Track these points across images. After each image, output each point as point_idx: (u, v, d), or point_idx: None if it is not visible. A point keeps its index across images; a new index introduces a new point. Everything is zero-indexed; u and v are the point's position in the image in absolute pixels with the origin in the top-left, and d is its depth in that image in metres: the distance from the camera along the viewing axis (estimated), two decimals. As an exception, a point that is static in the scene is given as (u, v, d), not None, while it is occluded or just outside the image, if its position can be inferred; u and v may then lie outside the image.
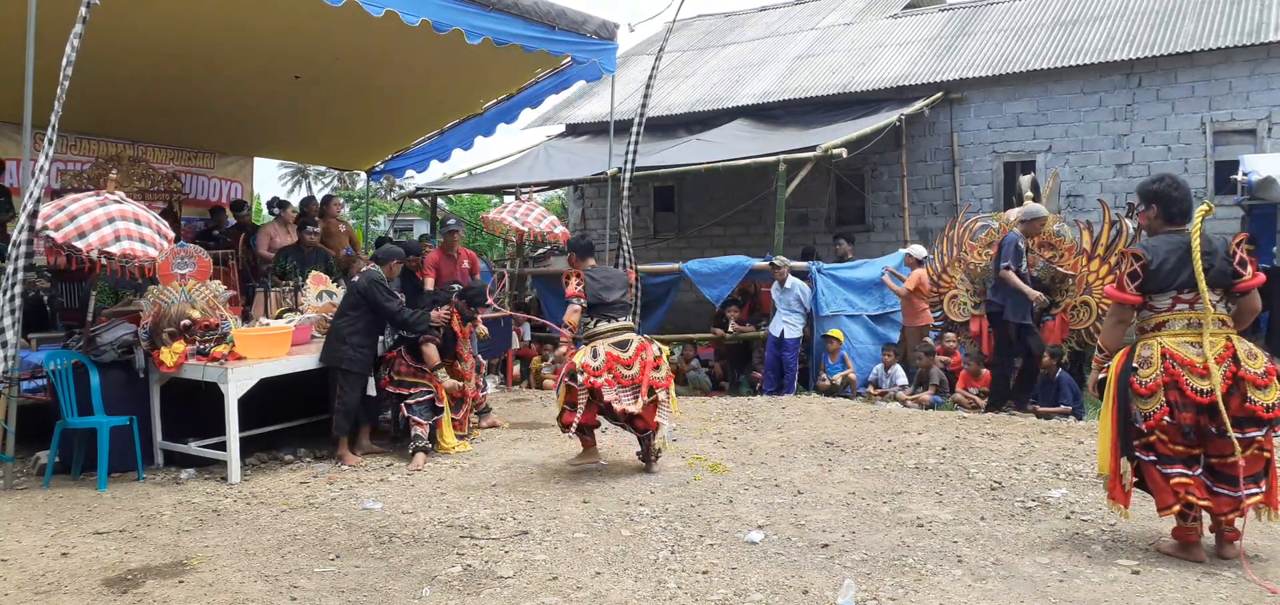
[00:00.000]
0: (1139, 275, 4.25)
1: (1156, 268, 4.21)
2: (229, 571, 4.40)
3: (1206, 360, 4.11)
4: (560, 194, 19.02)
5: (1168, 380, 4.17)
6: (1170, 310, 4.26)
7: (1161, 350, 4.21)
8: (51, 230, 6.14)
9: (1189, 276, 4.18)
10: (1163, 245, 4.25)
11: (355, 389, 6.73)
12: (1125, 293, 4.31)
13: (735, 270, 10.88)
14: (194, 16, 7.60)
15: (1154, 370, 4.20)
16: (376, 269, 6.91)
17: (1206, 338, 4.16)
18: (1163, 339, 4.25)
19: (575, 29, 8.97)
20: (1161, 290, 4.25)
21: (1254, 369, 4.13)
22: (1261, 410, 4.08)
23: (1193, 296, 4.21)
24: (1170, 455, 4.24)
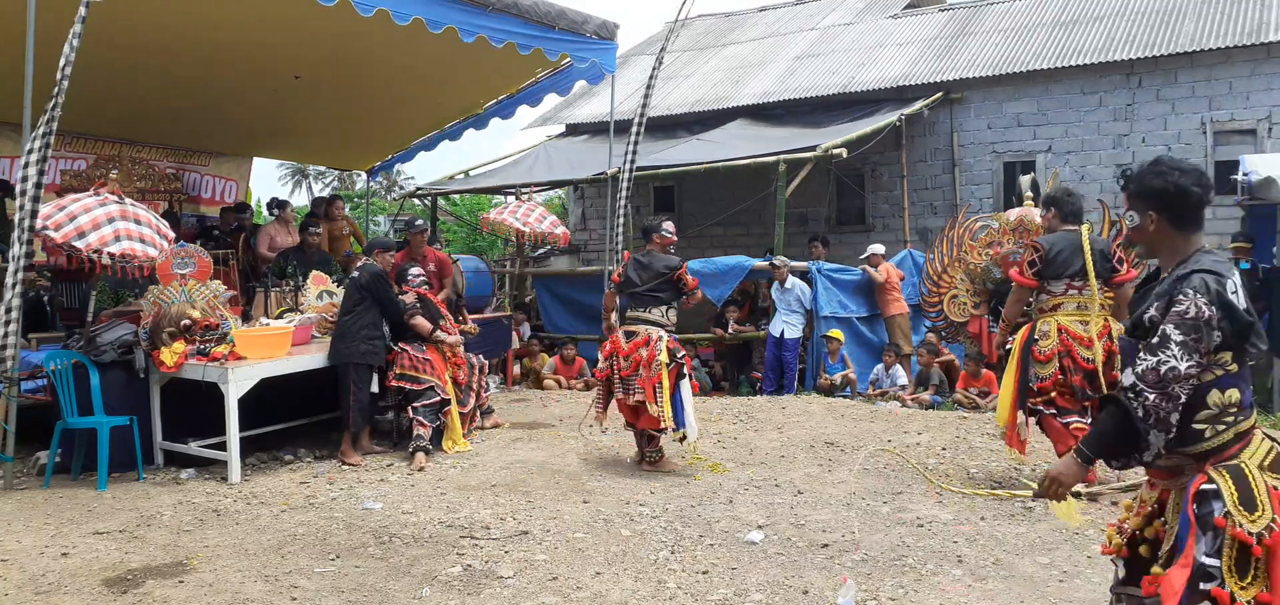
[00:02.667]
0: (1037, 263, 5.28)
1: (1053, 257, 5.22)
2: (229, 571, 4.40)
3: (1091, 335, 5.16)
4: (560, 194, 19.01)
5: (1062, 349, 5.20)
6: (1064, 295, 5.27)
7: (1057, 326, 5.24)
8: (51, 230, 6.14)
9: (1080, 267, 5.19)
10: (1060, 240, 5.26)
11: (368, 383, 6.79)
12: (1025, 278, 5.34)
13: (735, 270, 10.88)
14: (194, 16, 7.59)
15: (1051, 342, 5.22)
16: (374, 262, 6.97)
17: (1093, 316, 5.20)
18: (1058, 318, 5.26)
19: (575, 29, 8.96)
20: (1057, 277, 5.25)
21: None
22: None
23: (1082, 284, 5.23)
24: (1067, 408, 5.25)
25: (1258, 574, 2.22)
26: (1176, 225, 2.43)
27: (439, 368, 6.91)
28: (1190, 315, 2.27)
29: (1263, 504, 2.25)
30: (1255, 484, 2.27)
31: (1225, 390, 2.33)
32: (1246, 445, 2.34)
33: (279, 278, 8.30)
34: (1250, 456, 2.32)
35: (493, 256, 15.63)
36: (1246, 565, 2.23)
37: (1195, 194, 2.40)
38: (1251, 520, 2.23)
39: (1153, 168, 2.46)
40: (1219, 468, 2.30)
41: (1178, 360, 2.25)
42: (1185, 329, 2.27)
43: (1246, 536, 2.21)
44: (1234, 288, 2.34)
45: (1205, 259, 2.38)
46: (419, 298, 7.12)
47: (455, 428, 6.90)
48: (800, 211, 13.82)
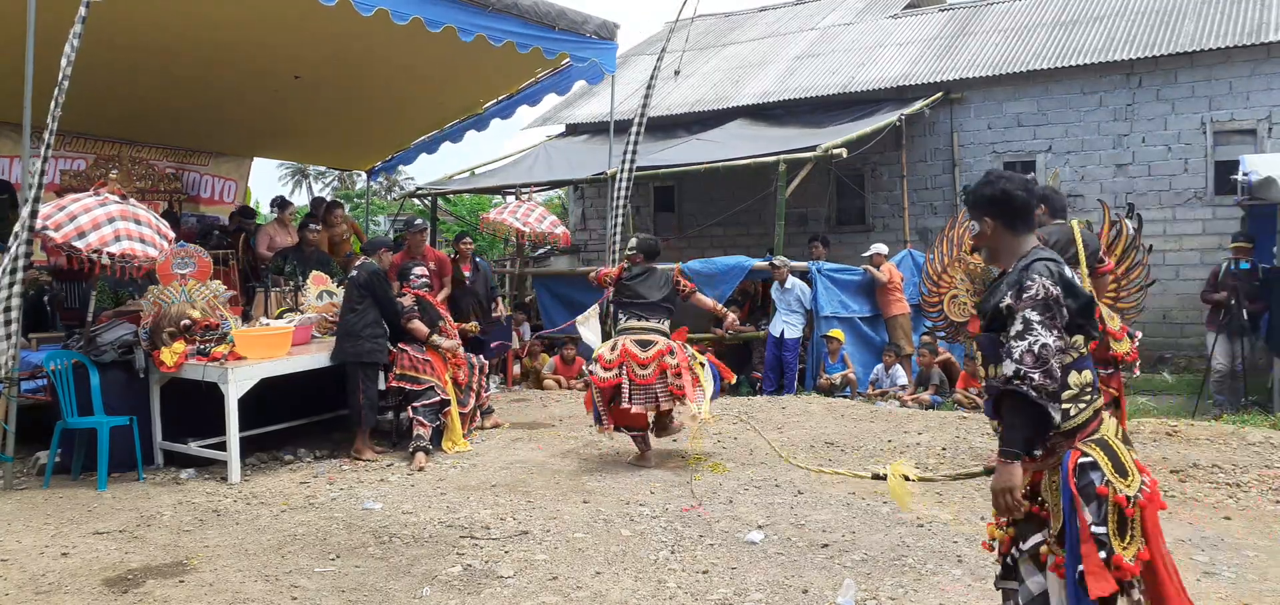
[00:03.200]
0: None
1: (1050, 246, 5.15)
2: (229, 571, 4.40)
3: None
4: (560, 194, 19.01)
5: None
6: None
7: None
8: (51, 230, 6.14)
9: (1072, 256, 5.38)
10: (1055, 232, 5.46)
11: (376, 380, 6.82)
12: None
13: (735, 270, 10.87)
14: (194, 16, 7.59)
15: None
16: (372, 261, 6.98)
17: None
18: None
19: (575, 29, 8.96)
20: None
21: (1112, 328, 5.55)
22: (1120, 355, 5.55)
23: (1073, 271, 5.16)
24: None
25: (1134, 534, 2.44)
26: (1010, 228, 2.67)
27: (439, 368, 6.92)
28: (1041, 296, 2.47)
29: (1131, 470, 2.48)
30: (1121, 453, 2.49)
31: (1081, 371, 2.52)
32: (1102, 421, 2.56)
33: (277, 276, 8.30)
34: (1106, 430, 2.55)
35: (493, 256, 15.63)
36: (1125, 528, 2.44)
37: (1020, 198, 2.65)
38: (1126, 485, 2.45)
39: (984, 180, 2.73)
40: (1089, 442, 2.50)
41: (1045, 336, 2.44)
42: (1040, 308, 2.46)
43: (1122, 499, 2.42)
44: (1070, 274, 2.56)
45: (1042, 250, 2.61)
46: (417, 300, 7.12)
47: (455, 428, 6.90)
48: (800, 211, 13.81)
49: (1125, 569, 2.41)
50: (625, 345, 6.16)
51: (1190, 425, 7.15)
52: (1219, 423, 7.46)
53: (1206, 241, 11.87)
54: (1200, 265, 11.51)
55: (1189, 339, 11.75)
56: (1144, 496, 2.46)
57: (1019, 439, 2.50)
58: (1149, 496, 2.47)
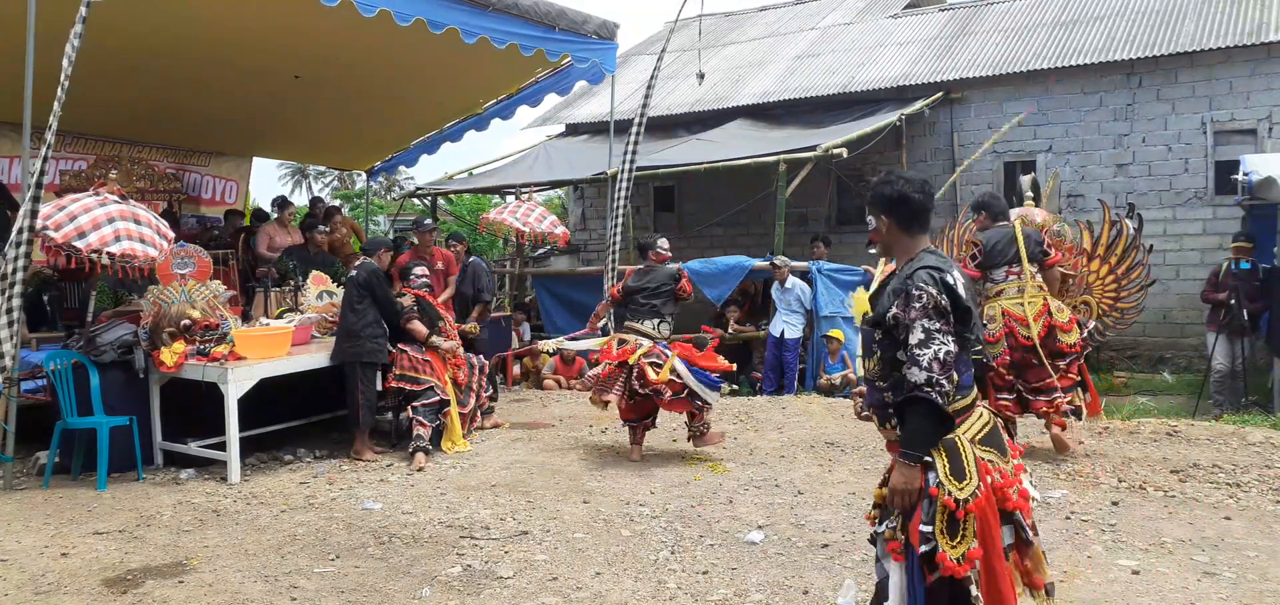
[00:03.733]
0: (977, 256, 6.19)
1: (991, 250, 6.14)
2: (229, 572, 4.40)
3: (1030, 316, 5.94)
4: (560, 194, 19.01)
5: (1007, 331, 5.98)
6: (1005, 281, 6.11)
7: (1001, 310, 6.03)
8: (51, 230, 6.13)
9: (1015, 254, 6.05)
10: (995, 234, 6.18)
11: (374, 380, 6.81)
12: (970, 269, 6.11)
13: (735, 270, 10.87)
14: (194, 16, 7.59)
15: (997, 325, 6.01)
16: (371, 261, 6.99)
17: (1029, 298, 5.98)
18: (1002, 302, 6.07)
19: (575, 29, 8.95)
20: (996, 266, 6.13)
21: (1061, 319, 6.02)
22: (1066, 347, 5.98)
23: (1019, 270, 6.08)
24: (1001, 385, 6.03)
25: (967, 534, 2.53)
26: (904, 228, 2.78)
27: (438, 368, 6.91)
28: (930, 304, 2.58)
29: (970, 473, 2.56)
30: (965, 456, 2.58)
31: None
32: (964, 421, 2.64)
33: (281, 277, 8.30)
34: (965, 431, 2.63)
35: (493, 256, 15.62)
36: (956, 527, 2.53)
37: (917, 200, 2.76)
38: (960, 488, 2.54)
39: (883, 179, 2.84)
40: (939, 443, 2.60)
41: (947, 342, 2.56)
42: (933, 315, 2.57)
43: (951, 502, 2.53)
44: (954, 280, 2.64)
45: (928, 256, 2.70)
46: (417, 300, 7.12)
47: (455, 428, 6.90)
48: (800, 211, 13.80)
49: (948, 567, 2.49)
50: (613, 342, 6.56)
51: (1191, 425, 7.15)
52: (1219, 423, 7.46)
53: (1207, 241, 11.87)
54: (1200, 265, 11.51)
55: (1189, 339, 11.74)
56: (978, 500, 2.53)
57: (923, 443, 2.60)
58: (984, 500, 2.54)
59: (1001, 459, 2.66)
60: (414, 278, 7.25)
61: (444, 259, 8.95)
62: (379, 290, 6.80)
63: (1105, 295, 9.25)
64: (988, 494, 2.57)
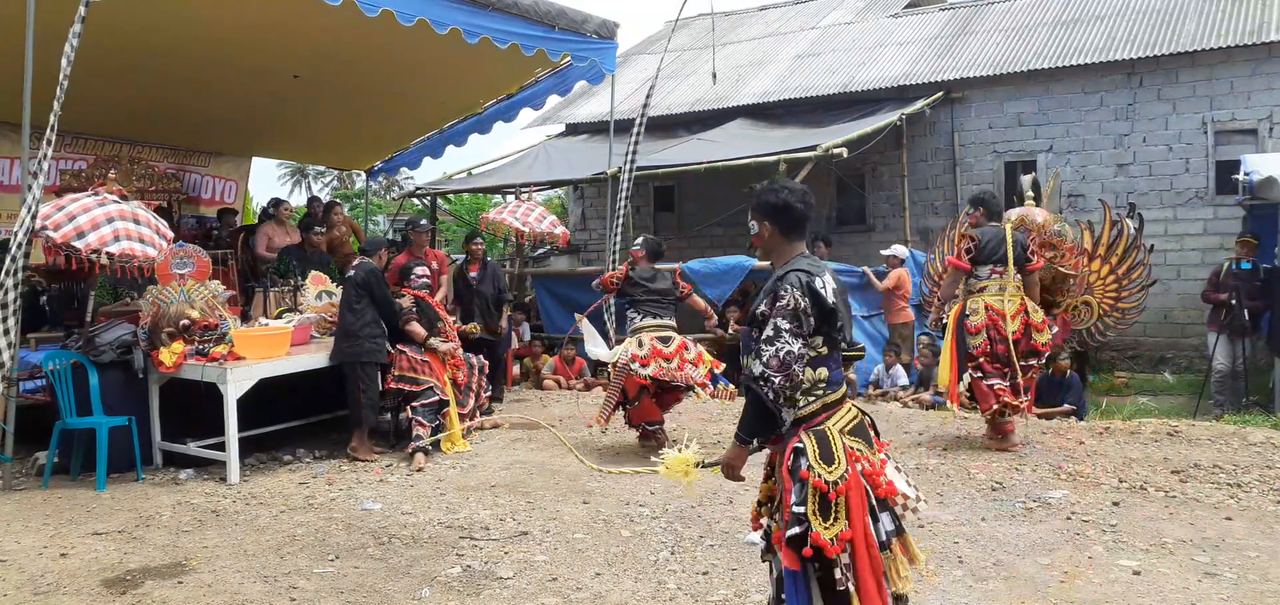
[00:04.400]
0: (972, 250, 6.50)
1: (984, 246, 6.45)
2: (228, 572, 4.39)
3: (1011, 311, 6.36)
4: (560, 194, 19.00)
5: (989, 323, 6.38)
6: (988, 278, 6.46)
7: (985, 304, 6.43)
8: (51, 230, 6.12)
9: (1002, 255, 6.41)
10: (989, 232, 6.49)
11: (375, 380, 6.80)
12: (962, 262, 6.53)
13: (735, 270, 10.86)
14: (194, 16, 7.58)
15: (979, 317, 6.41)
16: (370, 261, 6.97)
17: (1010, 296, 6.40)
18: (985, 297, 6.45)
19: (575, 28, 8.94)
20: (984, 263, 6.45)
21: (1037, 319, 6.45)
22: (1039, 345, 6.44)
23: (1003, 269, 6.44)
24: (991, 373, 6.37)
25: (838, 515, 2.70)
26: (784, 233, 2.93)
27: (438, 369, 6.90)
28: (790, 307, 2.75)
29: (839, 458, 2.75)
30: (834, 443, 2.77)
31: (816, 369, 2.82)
32: (832, 414, 2.83)
33: (281, 277, 8.29)
34: (835, 423, 2.82)
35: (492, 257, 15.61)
36: (828, 509, 2.70)
37: (798, 209, 2.92)
38: (829, 471, 2.72)
39: (768, 188, 2.98)
40: (809, 431, 2.79)
41: (791, 344, 2.73)
42: (789, 318, 2.74)
43: (824, 485, 2.70)
44: (822, 285, 2.81)
45: (801, 261, 2.87)
46: (416, 301, 7.11)
47: (454, 428, 6.89)
48: (800, 211, 13.78)
49: (822, 546, 2.66)
50: (653, 342, 6.44)
51: (1191, 425, 7.14)
52: (1220, 423, 7.45)
53: (1207, 241, 11.86)
54: (1201, 265, 11.50)
55: (1190, 339, 11.74)
56: (846, 483, 2.71)
57: (750, 429, 2.86)
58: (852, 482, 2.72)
59: (869, 450, 2.84)
60: (414, 278, 7.24)
61: (437, 260, 8.94)
62: (377, 290, 6.79)
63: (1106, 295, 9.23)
64: (856, 479, 2.74)
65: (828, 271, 2.90)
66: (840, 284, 2.92)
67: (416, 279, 7.24)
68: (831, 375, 2.84)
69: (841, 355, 2.93)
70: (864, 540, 2.71)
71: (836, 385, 2.85)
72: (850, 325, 2.95)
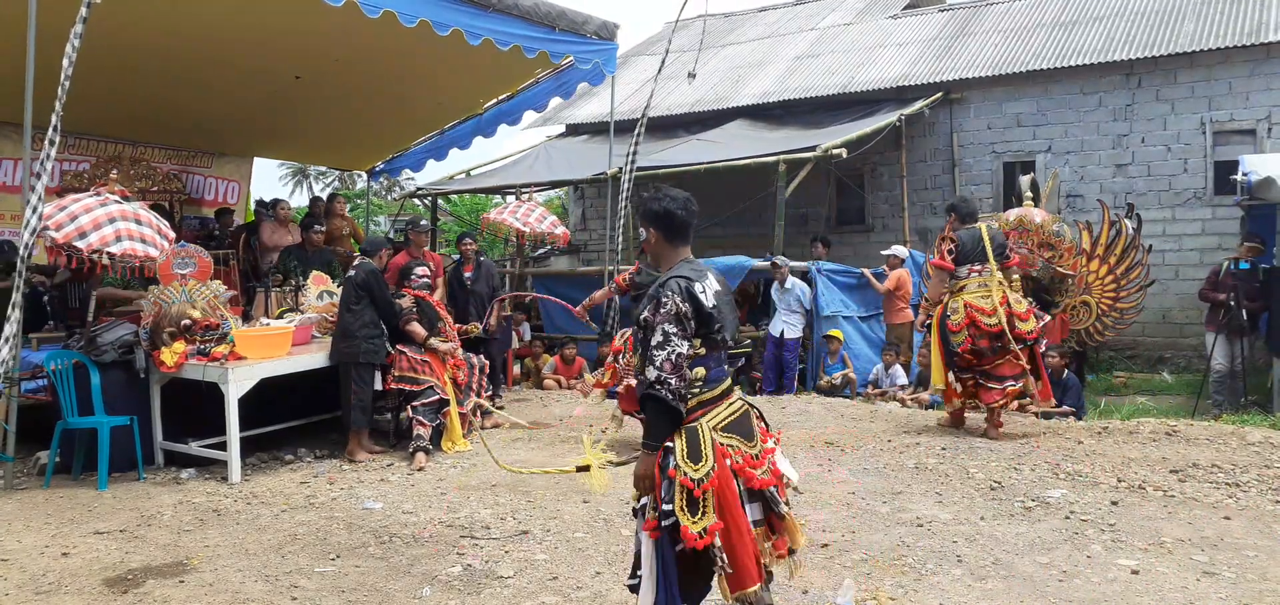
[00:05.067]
0: (954, 252, 6.87)
1: (964, 247, 6.85)
2: (229, 571, 4.41)
3: (993, 305, 6.66)
4: (560, 194, 19.02)
5: (969, 321, 6.71)
6: (967, 277, 6.82)
7: (964, 303, 6.75)
8: (52, 230, 6.14)
9: (981, 253, 6.79)
10: (966, 233, 6.89)
11: (370, 382, 6.79)
12: (946, 263, 6.89)
13: (735, 270, 10.88)
14: (194, 16, 7.59)
15: (959, 315, 6.75)
16: (370, 261, 6.98)
17: (993, 290, 6.71)
18: (964, 296, 6.77)
19: (575, 30, 8.95)
20: (964, 263, 6.83)
21: (1019, 309, 6.77)
22: (1024, 333, 6.72)
23: (982, 267, 6.79)
24: (963, 366, 6.85)
25: (706, 510, 2.84)
26: (669, 239, 3.10)
27: (438, 369, 6.92)
28: (673, 311, 2.90)
29: (706, 456, 2.88)
30: (704, 440, 2.90)
31: (694, 368, 2.95)
32: (708, 411, 2.95)
33: (282, 277, 8.30)
34: (709, 420, 2.94)
35: (493, 257, 15.61)
36: (695, 505, 2.84)
37: (680, 216, 3.09)
38: (695, 469, 2.85)
39: (653, 197, 3.14)
40: (681, 429, 2.91)
41: (680, 345, 2.87)
42: (673, 321, 2.89)
43: (690, 483, 2.83)
44: (702, 289, 2.96)
45: (683, 267, 3.03)
46: (416, 301, 7.12)
47: (455, 428, 6.90)
48: (800, 211, 13.81)
49: (690, 540, 2.80)
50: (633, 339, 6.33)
51: (1190, 425, 7.15)
52: (1218, 422, 7.46)
53: (1206, 241, 11.88)
54: (1200, 265, 11.52)
55: (1189, 339, 11.75)
56: (712, 479, 2.85)
57: (659, 433, 2.92)
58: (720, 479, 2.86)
59: (746, 443, 2.98)
60: (414, 278, 7.25)
61: (434, 261, 8.95)
62: (377, 291, 6.80)
63: (1104, 295, 9.27)
64: (725, 474, 2.89)
65: (711, 275, 3.04)
66: (724, 287, 3.07)
67: (417, 279, 7.25)
68: (709, 373, 2.98)
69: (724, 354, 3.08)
70: (738, 525, 2.87)
71: (714, 383, 2.99)
72: (732, 326, 3.09)
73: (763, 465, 3.00)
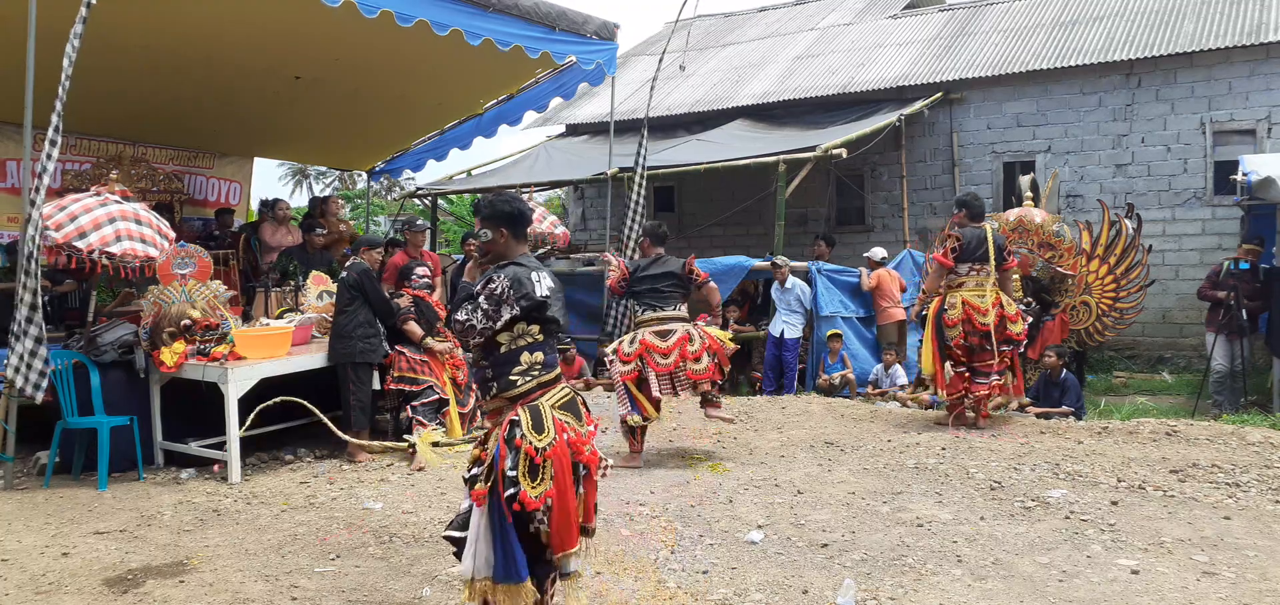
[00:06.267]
0: (957, 250, 7.08)
1: (967, 245, 7.04)
2: (229, 571, 4.41)
3: (987, 306, 6.94)
4: (560, 194, 19.01)
5: (965, 317, 7.00)
6: (966, 275, 7.07)
7: (962, 300, 7.03)
8: (52, 230, 6.14)
9: (983, 254, 7.02)
10: (971, 232, 7.08)
11: (368, 381, 6.80)
12: (947, 260, 7.09)
13: (735, 270, 10.88)
14: (194, 16, 7.59)
15: (956, 311, 7.03)
16: (361, 261, 6.98)
17: (986, 290, 7.00)
18: (962, 293, 7.04)
19: (575, 30, 8.96)
20: (965, 261, 7.05)
21: (1011, 311, 7.12)
22: (1014, 334, 7.13)
23: (981, 267, 7.04)
24: (957, 360, 7.19)
25: (545, 477, 3.10)
26: (514, 237, 3.36)
27: (437, 369, 6.92)
28: (496, 291, 3.17)
29: (549, 429, 3.14)
30: (546, 415, 3.17)
31: (532, 354, 3.24)
32: (546, 393, 3.24)
33: (282, 277, 8.30)
34: (548, 400, 3.23)
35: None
36: (536, 472, 3.09)
37: (525, 216, 3.39)
38: (540, 439, 3.11)
39: (498, 198, 3.41)
40: (524, 407, 3.18)
41: (476, 320, 3.17)
42: (489, 299, 3.18)
43: (532, 451, 3.09)
44: (536, 279, 3.23)
45: (523, 259, 3.31)
46: (415, 301, 7.11)
47: (454, 428, 6.90)
48: (800, 211, 13.82)
49: (529, 503, 3.06)
50: (644, 337, 6.31)
51: (1190, 425, 7.16)
52: (1218, 422, 7.47)
53: (1206, 241, 11.88)
54: (1200, 265, 11.52)
55: (1188, 339, 11.76)
56: (551, 450, 3.10)
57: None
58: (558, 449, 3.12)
59: (577, 423, 3.26)
60: (415, 278, 7.25)
61: (432, 261, 8.95)
62: (370, 290, 6.79)
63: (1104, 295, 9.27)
64: (562, 447, 3.15)
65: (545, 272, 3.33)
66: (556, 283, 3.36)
67: (417, 279, 7.25)
68: (546, 359, 3.27)
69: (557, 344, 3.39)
70: (566, 492, 3.16)
71: (550, 367, 3.28)
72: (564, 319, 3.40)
73: (588, 443, 3.29)
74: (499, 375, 3.23)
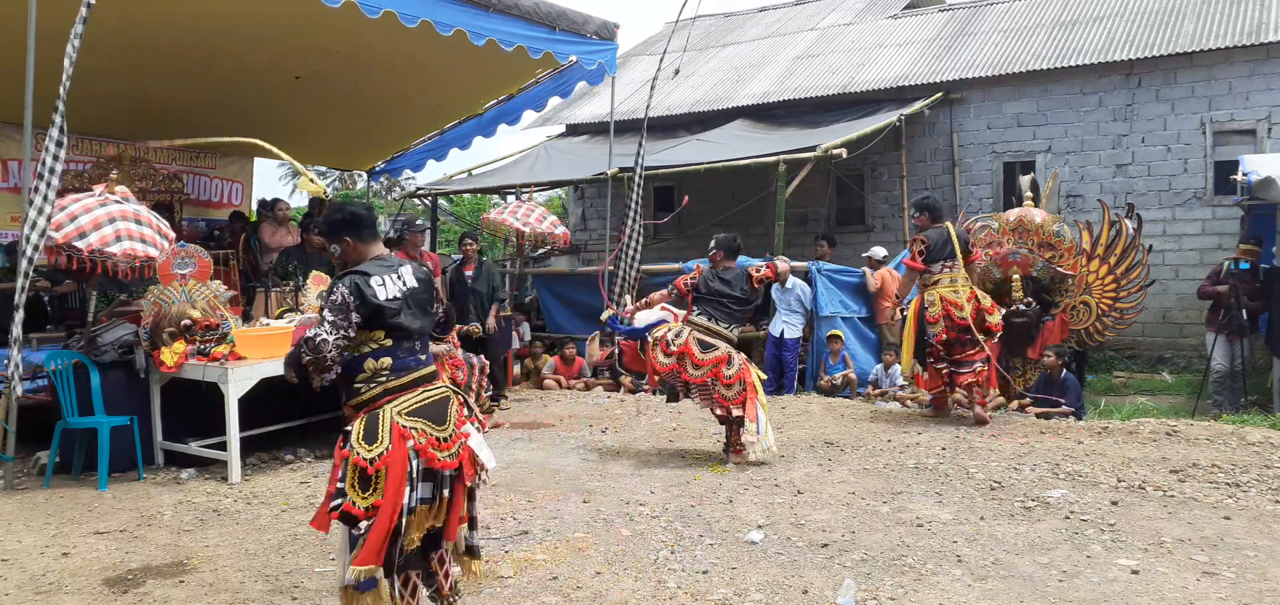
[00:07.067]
0: (924, 252, 7.42)
1: (933, 246, 7.39)
2: (229, 571, 4.41)
3: (962, 301, 7.25)
4: (560, 194, 19.01)
5: (944, 313, 7.27)
6: (940, 272, 7.36)
7: (939, 296, 7.31)
8: (52, 230, 6.13)
9: (950, 251, 7.36)
10: (934, 233, 7.44)
11: None
12: (917, 263, 7.46)
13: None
14: (194, 17, 7.60)
15: (936, 308, 7.30)
16: None
17: (960, 286, 7.31)
18: (939, 290, 7.33)
19: (576, 30, 8.97)
20: (935, 260, 7.37)
21: (986, 303, 7.43)
22: (991, 325, 7.36)
23: (952, 263, 7.35)
24: (938, 357, 7.46)
25: (377, 486, 3.06)
26: (361, 240, 3.30)
27: (437, 368, 6.90)
28: (336, 301, 3.12)
29: (382, 438, 3.08)
30: (382, 424, 3.10)
31: (378, 359, 3.19)
32: (394, 398, 3.17)
33: (282, 278, 8.30)
34: (395, 406, 3.15)
35: (493, 257, 15.62)
36: (367, 482, 3.06)
37: (366, 216, 3.33)
38: (369, 450, 3.06)
39: (334, 208, 3.40)
40: (365, 415, 3.13)
41: (326, 333, 3.09)
42: (333, 310, 3.12)
43: (362, 462, 3.05)
44: (380, 284, 3.17)
45: (367, 264, 3.24)
46: None
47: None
48: (800, 211, 13.82)
49: (354, 512, 3.05)
50: (688, 340, 6.26)
51: (1190, 425, 7.16)
52: (1218, 422, 7.47)
53: (1206, 241, 11.88)
54: (1200, 265, 11.52)
55: (1189, 339, 11.75)
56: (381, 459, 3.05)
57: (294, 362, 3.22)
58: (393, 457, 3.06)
59: (435, 427, 3.17)
60: None
61: (431, 261, 8.95)
62: None
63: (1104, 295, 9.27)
64: (400, 455, 3.08)
65: (402, 269, 3.27)
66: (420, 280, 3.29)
67: None
68: (396, 363, 3.20)
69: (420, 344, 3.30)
70: (392, 506, 3.07)
71: (402, 371, 3.21)
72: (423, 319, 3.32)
73: (451, 448, 3.20)
74: (345, 383, 3.20)
